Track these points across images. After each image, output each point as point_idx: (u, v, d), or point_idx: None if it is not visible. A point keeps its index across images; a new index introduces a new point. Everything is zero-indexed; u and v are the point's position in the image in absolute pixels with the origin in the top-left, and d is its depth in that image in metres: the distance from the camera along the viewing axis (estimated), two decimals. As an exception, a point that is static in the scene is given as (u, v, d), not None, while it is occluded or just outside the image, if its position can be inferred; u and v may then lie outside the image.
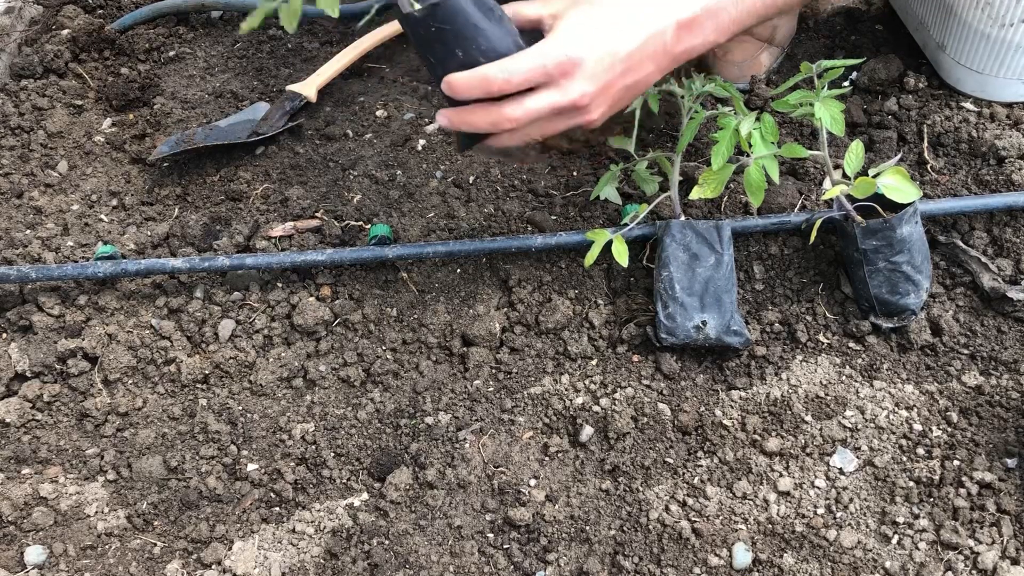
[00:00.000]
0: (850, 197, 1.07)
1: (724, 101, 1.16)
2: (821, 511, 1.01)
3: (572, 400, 1.12)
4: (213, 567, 1.03)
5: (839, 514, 1.01)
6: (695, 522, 1.01)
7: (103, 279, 1.23)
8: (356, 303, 1.21)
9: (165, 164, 1.43)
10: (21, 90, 1.53)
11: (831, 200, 1.12)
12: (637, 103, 1.15)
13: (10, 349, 1.18)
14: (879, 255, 1.09)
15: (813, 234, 1.10)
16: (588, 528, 1.02)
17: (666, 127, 1.35)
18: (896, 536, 0.99)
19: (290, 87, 1.48)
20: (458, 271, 1.23)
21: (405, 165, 1.36)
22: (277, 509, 1.07)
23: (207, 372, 1.17)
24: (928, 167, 1.26)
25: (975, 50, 1.26)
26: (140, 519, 1.07)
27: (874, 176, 1.04)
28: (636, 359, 1.15)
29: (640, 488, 1.04)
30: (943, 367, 1.12)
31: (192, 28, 1.69)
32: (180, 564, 1.03)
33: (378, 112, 1.47)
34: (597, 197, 1.22)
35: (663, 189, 1.20)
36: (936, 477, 1.02)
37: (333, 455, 1.10)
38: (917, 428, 1.07)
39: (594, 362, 1.15)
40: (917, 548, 0.98)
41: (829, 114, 1.02)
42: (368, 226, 1.28)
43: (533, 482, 1.07)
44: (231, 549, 1.04)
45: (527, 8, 1.00)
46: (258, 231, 1.30)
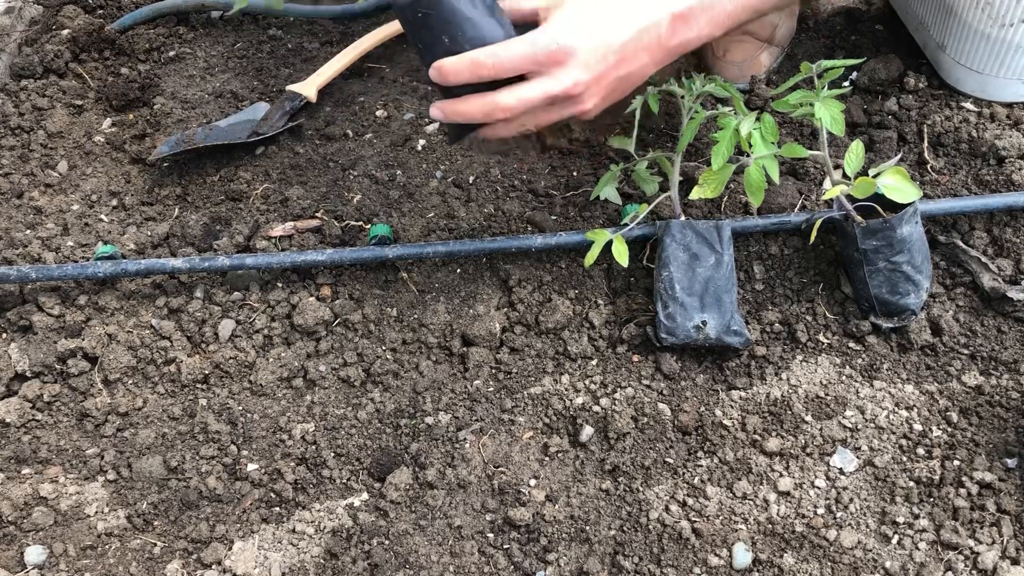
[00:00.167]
0: (850, 197, 1.07)
1: (724, 101, 1.16)
2: (821, 511, 1.01)
3: (572, 400, 1.12)
4: (213, 567, 1.03)
5: (839, 514, 1.01)
6: (695, 522, 1.01)
7: (103, 279, 1.23)
8: (356, 303, 1.21)
9: (165, 164, 1.43)
10: (21, 90, 1.53)
11: (831, 200, 1.12)
12: (637, 103, 1.15)
13: (10, 349, 1.19)
14: (879, 255, 1.09)
15: (813, 234, 1.10)
16: (588, 528, 1.02)
17: (666, 127, 1.35)
18: (896, 536, 0.99)
19: (290, 87, 1.48)
20: (458, 271, 1.23)
21: (405, 165, 1.36)
22: (277, 509, 1.07)
23: (207, 372, 1.17)
24: (928, 167, 1.26)
25: (975, 50, 1.26)
26: (140, 519, 1.07)
27: (874, 176, 1.04)
28: (636, 359, 1.15)
29: (640, 488, 1.04)
30: (943, 367, 1.12)
31: (192, 28, 1.69)
32: (180, 564, 1.03)
33: (378, 112, 1.47)
34: (597, 197, 1.23)
35: (663, 189, 1.20)
36: (936, 477, 1.02)
37: (333, 455, 1.10)
38: (917, 428, 1.07)
39: (594, 362, 1.15)
40: (917, 548, 0.98)
41: (829, 114, 1.02)
42: (368, 226, 1.28)
43: (533, 482, 1.07)
44: (231, 549, 1.04)
45: (524, 1, 1.01)
46: (258, 231, 1.30)
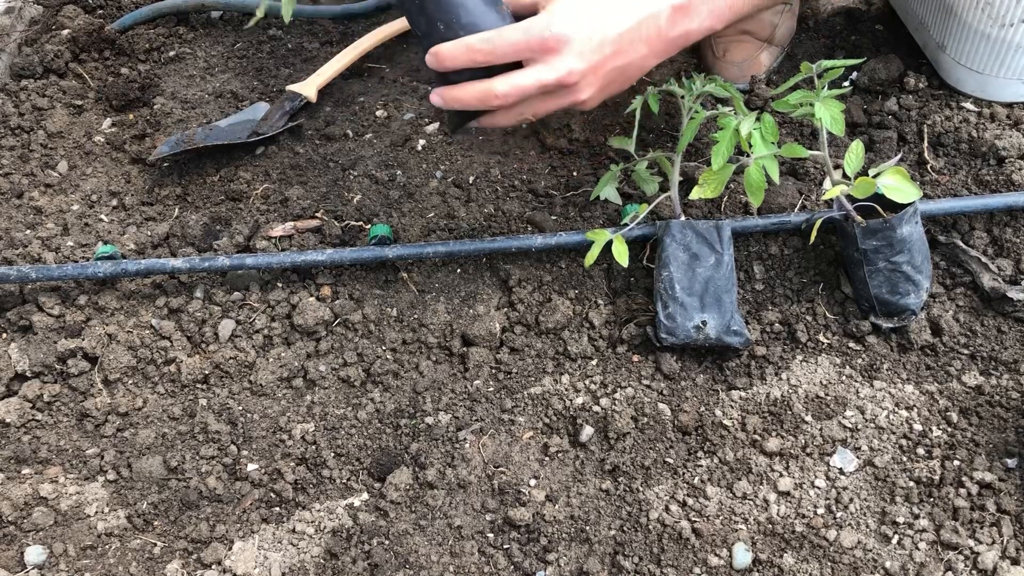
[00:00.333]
0: (850, 197, 1.07)
1: (724, 101, 1.16)
2: (821, 511, 1.01)
3: (572, 400, 1.12)
4: (213, 567, 1.03)
5: (839, 514, 1.01)
6: (695, 522, 1.01)
7: (103, 279, 1.23)
8: (356, 303, 1.21)
9: (165, 164, 1.43)
10: (21, 90, 1.53)
11: (831, 200, 1.12)
12: (637, 103, 1.15)
13: (10, 349, 1.18)
14: (879, 255, 1.09)
15: (813, 234, 1.10)
16: (588, 528, 1.02)
17: (666, 127, 1.35)
18: (896, 536, 0.99)
19: (290, 87, 1.48)
20: (458, 271, 1.23)
21: (405, 165, 1.36)
22: (277, 509, 1.07)
23: (207, 372, 1.17)
24: (928, 167, 1.26)
25: (975, 50, 1.26)
26: (140, 519, 1.07)
27: (874, 176, 1.04)
28: (636, 359, 1.15)
29: (640, 488, 1.04)
30: (943, 367, 1.12)
31: (192, 28, 1.69)
32: (180, 564, 1.03)
33: (378, 112, 1.47)
34: (597, 197, 1.23)
35: (663, 189, 1.20)
36: (936, 477, 1.02)
37: (333, 455, 1.10)
38: (917, 428, 1.07)
39: (594, 362, 1.15)
40: (917, 548, 0.98)
41: (829, 114, 1.02)
42: (368, 226, 1.28)
43: (533, 482, 1.07)
44: (231, 549, 1.04)
45: None
46: (258, 231, 1.30)
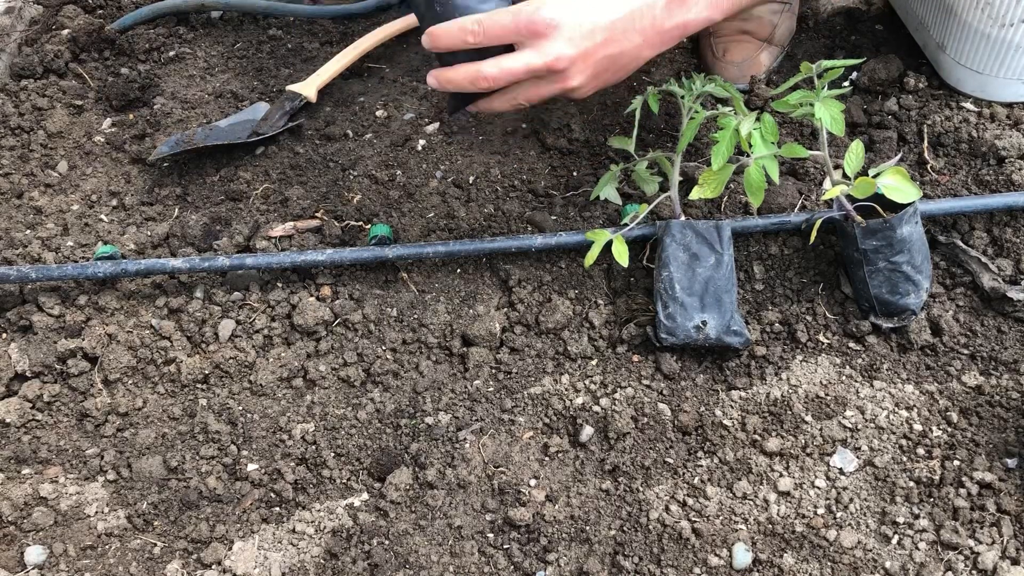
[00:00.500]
0: (850, 197, 1.07)
1: (724, 101, 1.16)
2: (821, 511, 1.01)
3: (572, 400, 1.12)
4: (213, 567, 1.03)
5: (839, 514, 1.01)
6: (695, 522, 1.01)
7: (103, 279, 1.23)
8: (356, 303, 1.21)
9: (165, 164, 1.43)
10: (21, 90, 1.53)
11: (831, 200, 1.12)
12: (637, 103, 1.15)
13: (10, 349, 1.19)
14: (879, 255, 1.09)
15: (813, 234, 1.10)
16: (588, 528, 1.02)
17: (666, 127, 1.35)
18: (896, 536, 0.99)
19: (290, 87, 1.48)
20: (458, 271, 1.23)
21: (405, 165, 1.36)
22: (277, 509, 1.07)
23: (207, 372, 1.17)
24: (928, 167, 1.26)
25: (975, 50, 1.26)
26: (140, 519, 1.07)
27: (874, 176, 1.04)
28: (636, 359, 1.15)
29: (640, 488, 1.04)
30: (943, 367, 1.12)
31: (192, 28, 1.69)
32: (180, 564, 1.03)
33: (378, 112, 1.47)
34: (597, 197, 1.23)
35: (663, 189, 1.20)
36: (936, 477, 1.02)
37: (333, 455, 1.10)
38: (917, 428, 1.07)
39: (594, 362, 1.15)
40: (917, 548, 0.98)
41: (829, 114, 1.02)
42: (368, 226, 1.28)
43: (533, 482, 1.07)
44: (231, 549, 1.04)
45: None
46: (258, 231, 1.30)
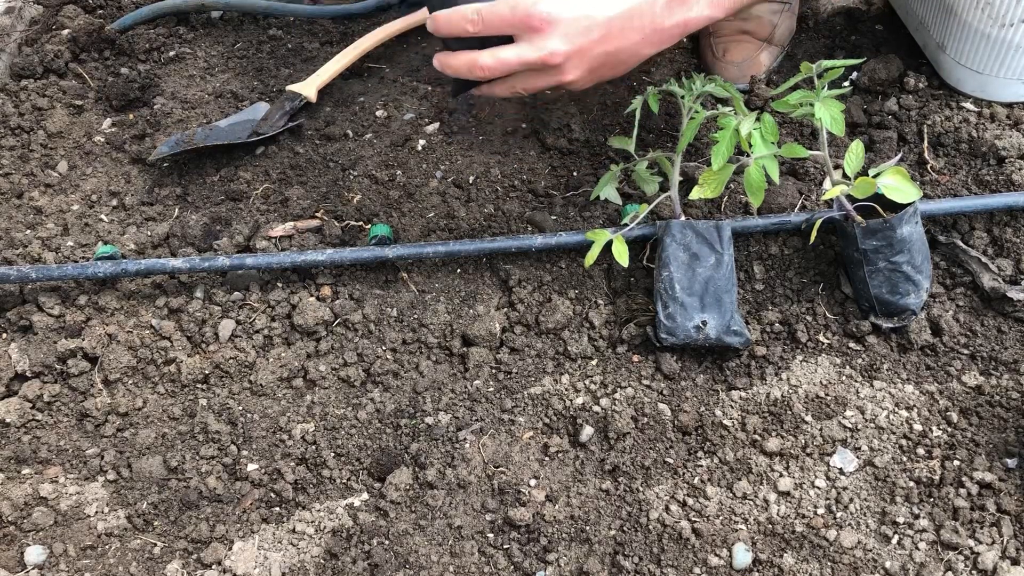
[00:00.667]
0: (850, 197, 1.07)
1: (724, 101, 1.16)
2: (821, 511, 1.01)
3: (572, 400, 1.12)
4: (213, 567, 1.03)
5: (839, 514, 1.01)
6: (695, 522, 1.01)
7: (103, 279, 1.23)
8: (356, 303, 1.21)
9: (165, 164, 1.43)
10: (21, 90, 1.53)
11: (831, 200, 1.12)
12: (637, 103, 1.15)
13: (10, 349, 1.18)
14: (879, 255, 1.09)
15: (813, 234, 1.10)
16: (588, 528, 1.02)
17: (666, 127, 1.35)
18: (896, 536, 0.99)
19: (290, 87, 1.48)
20: (458, 271, 1.23)
21: (405, 165, 1.36)
22: (277, 509, 1.07)
23: (207, 372, 1.17)
24: (928, 167, 1.26)
25: (975, 50, 1.26)
26: (140, 519, 1.07)
27: (874, 176, 1.04)
28: (636, 359, 1.15)
29: (640, 488, 1.04)
30: (943, 367, 1.12)
31: (192, 28, 1.69)
32: (180, 564, 1.03)
33: (378, 112, 1.47)
34: (597, 197, 1.23)
35: (663, 189, 1.20)
36: (936, 477, 1.02)
37: (333, 455, 1.10)
38: (917, 428, 1.07)
39: (594, 362, 1.15)
40: (917, 548, 0.98)
41: (829, 114, 1.02)
42: (368, 226, 1.28)
43: (533, 482, 1.07)
44: (231, 549, 1.04)
45: None
46: (258, 231, 1.30)
